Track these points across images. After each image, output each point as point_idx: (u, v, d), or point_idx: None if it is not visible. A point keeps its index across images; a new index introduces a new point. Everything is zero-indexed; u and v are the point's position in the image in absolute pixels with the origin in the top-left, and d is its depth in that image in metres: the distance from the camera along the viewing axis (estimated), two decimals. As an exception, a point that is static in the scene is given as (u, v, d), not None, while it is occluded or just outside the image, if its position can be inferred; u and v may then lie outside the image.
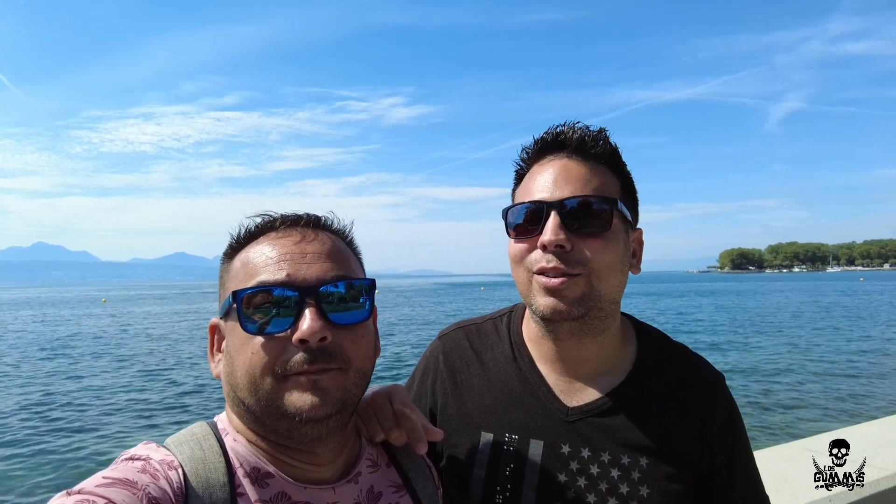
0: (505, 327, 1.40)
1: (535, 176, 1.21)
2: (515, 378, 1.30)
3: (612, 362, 1.27)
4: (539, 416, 1.24)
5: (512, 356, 1.33)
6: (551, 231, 1.11)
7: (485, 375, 1.34)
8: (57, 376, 17.92)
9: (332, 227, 1.04)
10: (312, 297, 0.89)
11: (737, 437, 1.25)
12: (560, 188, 1.15)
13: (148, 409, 13.40)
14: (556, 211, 1.13)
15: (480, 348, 1.39)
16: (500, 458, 1.23)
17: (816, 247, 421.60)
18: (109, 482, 0.78)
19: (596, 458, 1.19)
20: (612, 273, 1.16)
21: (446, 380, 1.37)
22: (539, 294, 1.15)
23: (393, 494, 1.06)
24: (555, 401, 1.24)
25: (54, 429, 11.78)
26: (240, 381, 0.90)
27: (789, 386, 14.68)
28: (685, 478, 1.18)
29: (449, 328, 1.48)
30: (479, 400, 1.31)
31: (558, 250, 1.12)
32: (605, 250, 1.14)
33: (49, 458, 9.98)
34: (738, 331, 28.00)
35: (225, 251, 1.01)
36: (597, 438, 1.20)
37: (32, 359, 21.96)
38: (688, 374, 1.27)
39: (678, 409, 1.22)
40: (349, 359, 0.91)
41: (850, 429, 3.87)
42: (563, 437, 1.21)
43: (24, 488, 8.62)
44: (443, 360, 1.40)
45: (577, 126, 1.21)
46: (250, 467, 0.92)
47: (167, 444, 0.92)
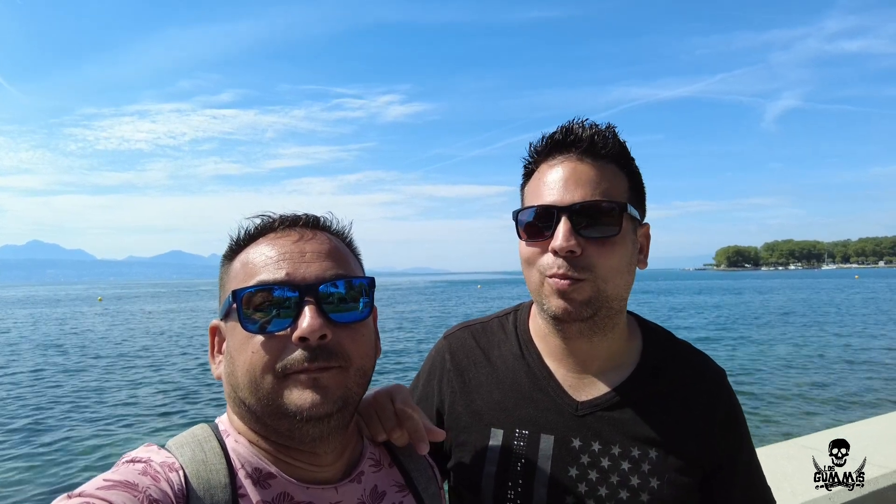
0: (511, 325, 1.40)
1: (544, 176, 1.21)
2: (524, 374, 1.30)
3: (619, 358, 1.28)
4: (549, 411, 1.25)
5: (520, 353, 1.34)
6: (562, 237, 1.12)
7: (493, 372, 1.34)
8: (55, 377, 17.87)
9: (330, 228, 1.04)
10: (312, 295, 0.89)
11: (739, 433, 1.26)
12: (571, 191, 1.16)
13: (149, 411, 13.37)
14: (567, 216, 1.14)
15: (487, 346, 1.39)
16: (511, 453, 1.23)
17: (812, 244, 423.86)
18: (110, 484, 0.77)
19: (606, 451, 1.20)
20: (618, 275, 1.17)
21: (454, 378, 1.37)
22: (551, 295, 1.17)
23: (396, 494, 1.06)
24: (564, 396, 1.25)
25: (53, 430, 11.75)
26: (240, 380, 0.89)
27: (786, 383, 14.76)
28: (693, 470, 1.19)
29: (454, 328, 1.48)
30: (487, 397, 1.31)
31: (569, 255, 1.13)
32: (613, 254, 1.16)
33: (48, 460, 9.94)
34: (732, 328, 28.15)
35: (225, 253, 1.02)
36: (607, 432, 1.21)
37: (29, 358, 21.90)
38: (691, 371, 1.29)
39: (682, 405, 1.24)
40: (349, 357, 0.91)
41: (849, 426, 3.88)
42: (573, 431, 1.22)
43: (23, 491, 8.56)
44: (449, 359, 1.40)
45: (586, 124, 1.21)
46: (252, 468, 0.92)
47: (168, 446, 0.92)
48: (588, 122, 1.21)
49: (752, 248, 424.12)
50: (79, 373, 18.54)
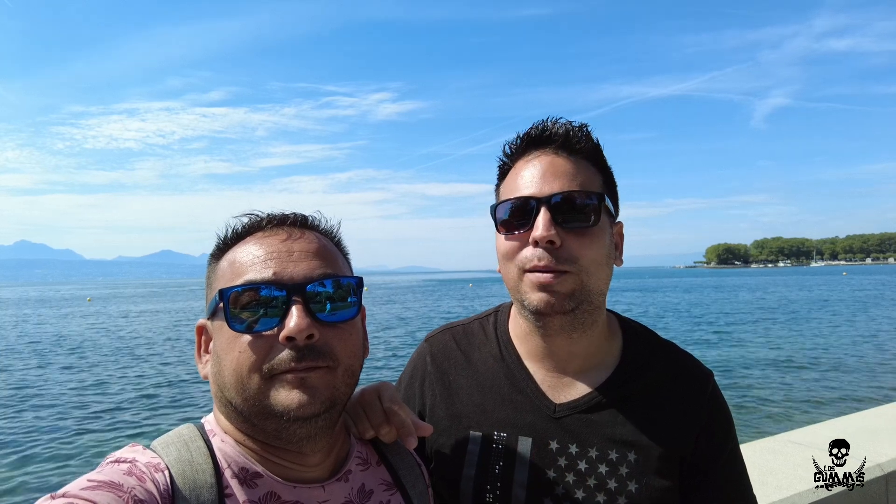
0: (492, 326, 1.40)
1: (520, 171, 1.22)
2: (503, 376, 1.30)
3: (599, 357, 1.28)
4: (527, 413, 1.24)
5: (499, 354, 1.34)
6: (542, 227, 1.12)
7: (473, 375, 1.34)
8: (40, 377, 17.65)
9: (318, 227, 1.04)
10: (299, 295, 0.89)
11: (723, 436, 1.23)
12: (549, 183, 1.17)
13: (135, 411, 13.24)
14: (546, 206, 1.14)
15: (468, 348, 1.39)
16: (490, 456, 1.23)
17: (801, 241, 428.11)
18: (94, 485, 0.77)
19: (584, 453, 1.19)
20: (600, 267, 1.18)
21: (435, 381, 1.36)
22: (530, 289, 1.16)
23: (384, 492, 1.06)
24: (542, 397, 1.25)
25: (38, 430, 11.61)
26: (227, 380, 0.89)
27: (772, 378, 14.89)
28: (673, 473, 1.18)
29: (435, 331, 1.48)
30: (467, 399, 1.31)
31: (549, 246, 1.13)
32: (594, 245, 1.16)
33: (31, 460, 9.82)
34: (719, 324, 28.35)
35: (212, 252, 1.02)
36: (584, 434, 1.20)
37: (16, 358, 21.60)
38: (674, 371, 1.27)
39: (664, 404, 1.23)
40: (337, 357, 0.91)
41: (834, 421, 3.93)
42: (550, 433, 1.22)
43: (6, 492, 8.46)
44: (430, 361, 1.40)
45: (560, 121, 1.22)
46: (238, 468, 0.92)
47: (153, 446, 0.91)
48: (562, 119, 1.23)
49: (741, 246, 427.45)
50: (64, 372, 18.33)
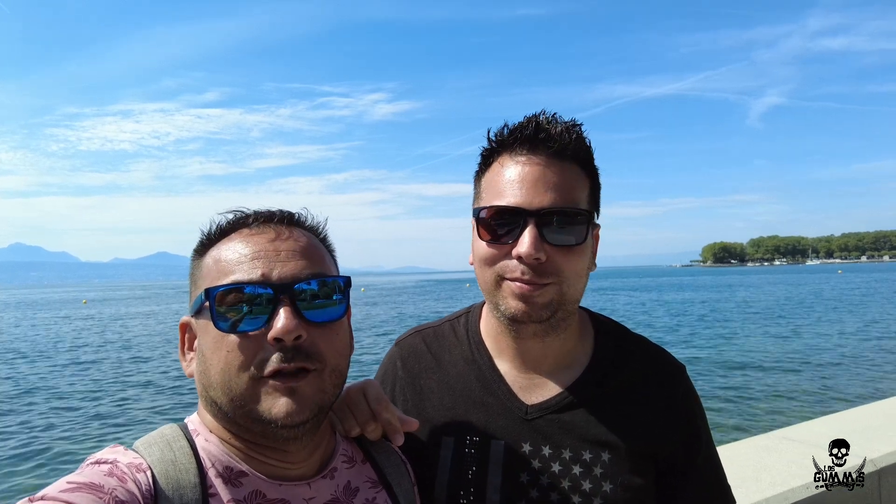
0: (463, 328, 1.37)
1: (508, 171, 1.15)
2: (475, 378, 1.28)
3: (571, 356, 1.26)
4: (499, 416, 1.22)
5: (471, 356, 1.31)
6: (529, 244, 1.08)
7: (444, 378, 1.31)
8: (26, 379, 17.54)
9: (305, 224, 1.03)
10: (287, 295, 0.89)
11: (696, 431, 1.23)
12: (539, 195, 1.11)
13: (130, 413, 13.16)
14: (534, 222, 1.10)
15: (438, 351, 1.36)
16: (463, 461, 1.21)
17: (797, 240, 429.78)
18: (74, 487, 0.76)
19: (557, 455, 1.17)
20: (580, 279, 1.17)
21: (406, 386, 1.34)
22: (509, 297, 1.14)
23: (370, 490, 1.06)
24: (514, 399, 1.23)
25: (18, 434, 11.48)
26: (213, 380, 0.89)
27: (767, 375, 14.89)
28: (648, 471, 1.17)
29: (406, 334, 1.45)
30: (439, 403, 1.29)
31: (534, 262, 1.10)
32: (578, 260, 1.15)
33: (11, 462, 9.72)
34: (713, 322, 28.38)
35: (195, 247, 1.00)
36: (557, 435, 1.18)
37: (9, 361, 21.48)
38: (647, 366, 1.26)
39: (638, 401, 1.21)
40: (325, 358, 0.91)
41: (828, 418, 3.94)
42: (523, 436, 1.20)
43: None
44: (401, 366, 1.37)
45: (555, 120, 1.16)
46: (223, 467, 0.91)
47: (136, 446, 0.90)
48: (558, 117, 1.17)
49: (737, 245, 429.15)
50: (49, 375, 18.23)
